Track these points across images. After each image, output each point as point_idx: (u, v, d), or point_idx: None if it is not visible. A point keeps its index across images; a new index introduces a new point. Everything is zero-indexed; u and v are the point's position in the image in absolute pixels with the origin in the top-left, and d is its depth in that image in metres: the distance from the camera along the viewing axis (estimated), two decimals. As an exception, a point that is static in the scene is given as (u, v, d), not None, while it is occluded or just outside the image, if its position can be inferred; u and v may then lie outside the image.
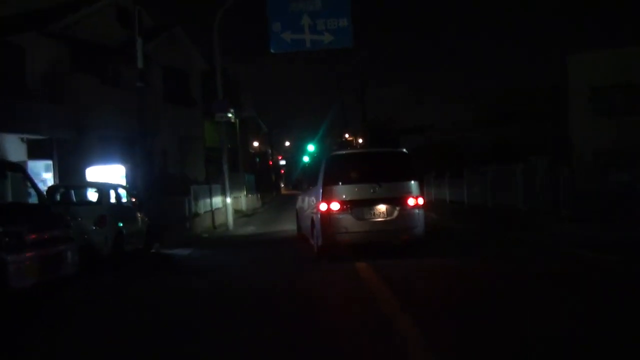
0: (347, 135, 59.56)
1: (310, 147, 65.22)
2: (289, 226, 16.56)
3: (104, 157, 16.30)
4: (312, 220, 10.57)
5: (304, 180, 14.36)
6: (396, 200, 9.81)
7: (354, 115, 57.80)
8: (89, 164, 15.58)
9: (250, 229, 18.04)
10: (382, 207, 9.79)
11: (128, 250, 11.24)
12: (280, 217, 22.11)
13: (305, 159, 76.17)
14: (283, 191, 58.71)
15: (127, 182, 14.34)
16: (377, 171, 10.03)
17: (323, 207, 9.80)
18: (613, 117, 21.25)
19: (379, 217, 9.79)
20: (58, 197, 10.98)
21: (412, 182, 9.99)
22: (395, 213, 9.79)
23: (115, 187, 11.55)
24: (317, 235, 10.05)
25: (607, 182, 14.79)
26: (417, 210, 9.90)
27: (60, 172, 15.19)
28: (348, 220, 9.73)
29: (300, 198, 13.73)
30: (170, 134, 21.66)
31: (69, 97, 16.33)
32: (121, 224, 10.94)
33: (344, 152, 11.31)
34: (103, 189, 10.99)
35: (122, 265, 10.53)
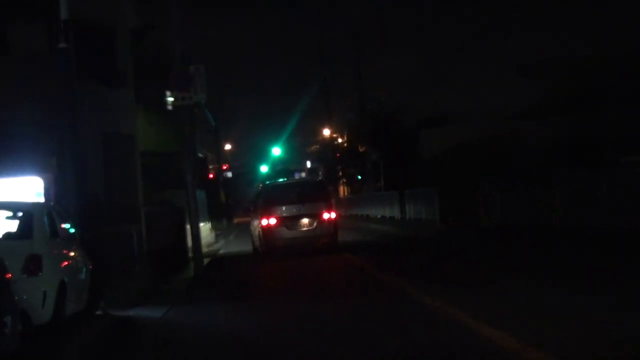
0: (327, 132, 59.18)
1: (276, 151, 64.73)
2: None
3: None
4: (259, 233, 20.87)
5: (258, 202, 22.05)
6: (315, 215, 20.41)
7: (339, 103, 57.22)
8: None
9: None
10: (305, 220, 20.40)
11: (68, 314, 10.40)
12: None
13: (264, 168, 75.83)
14: (236, 219, 57.84)
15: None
16: (301, 195, 20.78)
17: (265, 222, 20.31)
18: None
19: (304, 228, 20.42)
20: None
21: (326, 202, 20.91)
22: (315, 224, 20.40)
23: (49, 209, 10.59)
24: (262, 243, 20.64)
25: None
26: (330, 222, 20.61)
27: None
28: (283, 231, 20.22)
29: (252, 221, 23.24)
30: (87, 130, 20.48)
31: None
32: (62, 270, 10.11)
33: (280, 181, 24.59)
34: (33, 212, 10.08)
35: (65, 343, 9.54)
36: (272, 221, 20.18)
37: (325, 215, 20.50)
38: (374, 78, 53.46)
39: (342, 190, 60.14)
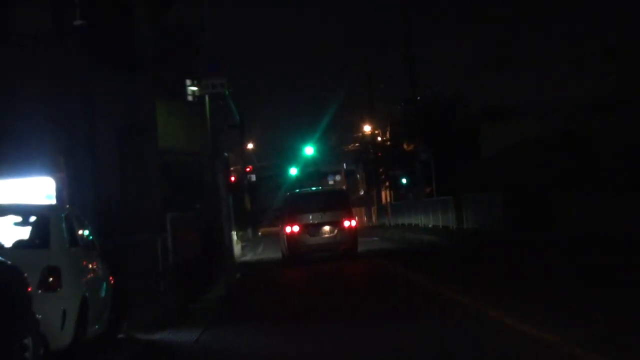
0: (368, 128, 58.98)
1: (309, 150, 64.65)
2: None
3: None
4: (284, 240, 25.52)
5: (287, 209, 26.53)
6: (336, 223, 24.76)
7: (382, 94, 56.96)
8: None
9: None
10: (327, 228, 24.77)
11: (89, 337, 10.31)
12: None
13: (293, 171, 75.71)
14: (262, 229, 57.87)
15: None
16: (323, 203, 25.48)
17: (288, 229, 24.84)
18: None
19: (325, 235, 24.82)
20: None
21: (346, 211, 25.64)
22: (336, 231, 24.72)
23: (68, 213, 10.54)
24: (286, 249, 25.29)
25: None
26: (350, 229, 25.07)
27: None
28: (305, 238, 24.62)
29: (280, 229, 27.33)
30: (101, 122, 20.50)
31: None
32: (83, 285, 10.00)
33: (304, 190, 31.31)
34: (50, 217, 9.95)
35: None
36: (296, 228, 24.73)
37: (346, 223, 25.01)
38: (426, 66, 53.09)
39: (385, 196, 59.81)
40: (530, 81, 38.78)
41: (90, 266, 10.74)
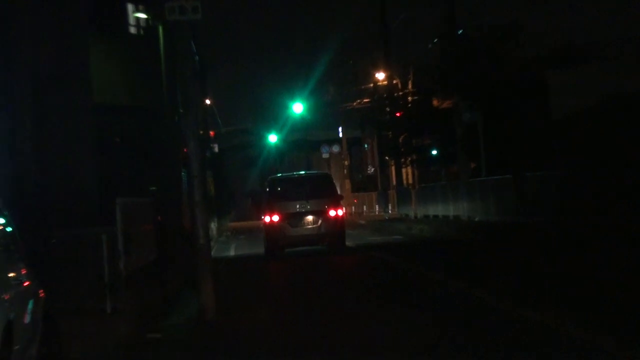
0: (380, 76, 58.94)
1: (297, 108, 64.91)
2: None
3: None
4: (263, 230, 33.62)
5: (266, 196, 32.43)
6: (320, 212, 31.48)
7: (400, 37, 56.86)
8: None
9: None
10: (310, 218, 31.47)
11: None
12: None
13: (272, 138, 75.73)
14: (232, 223, 57.97)
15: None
16: (307, 190, 32.26)
17: (267, 219, 31.86)
18: None
19: (308, 225, 31.44)
20: None
21: (332, 198, 32.33)
22: (320, 221, 31.31)
23: None
24: (265, 241, 32.56)
25: None
26: (337, 219, 31.81)
27: None
28: (286, 228, 31.44)
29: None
30: (11, 67, 20.63)
31: None
32: (8, 305, 9.93)
33: (285, 175, 38.13)
34: None
35: None
36: (275, 218, 30.57)
37: (332, 213, 30.90)
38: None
39: (407, 175, 59.74)
40: (622, 11, 38.51)
41: (14, 275, 10.64)
